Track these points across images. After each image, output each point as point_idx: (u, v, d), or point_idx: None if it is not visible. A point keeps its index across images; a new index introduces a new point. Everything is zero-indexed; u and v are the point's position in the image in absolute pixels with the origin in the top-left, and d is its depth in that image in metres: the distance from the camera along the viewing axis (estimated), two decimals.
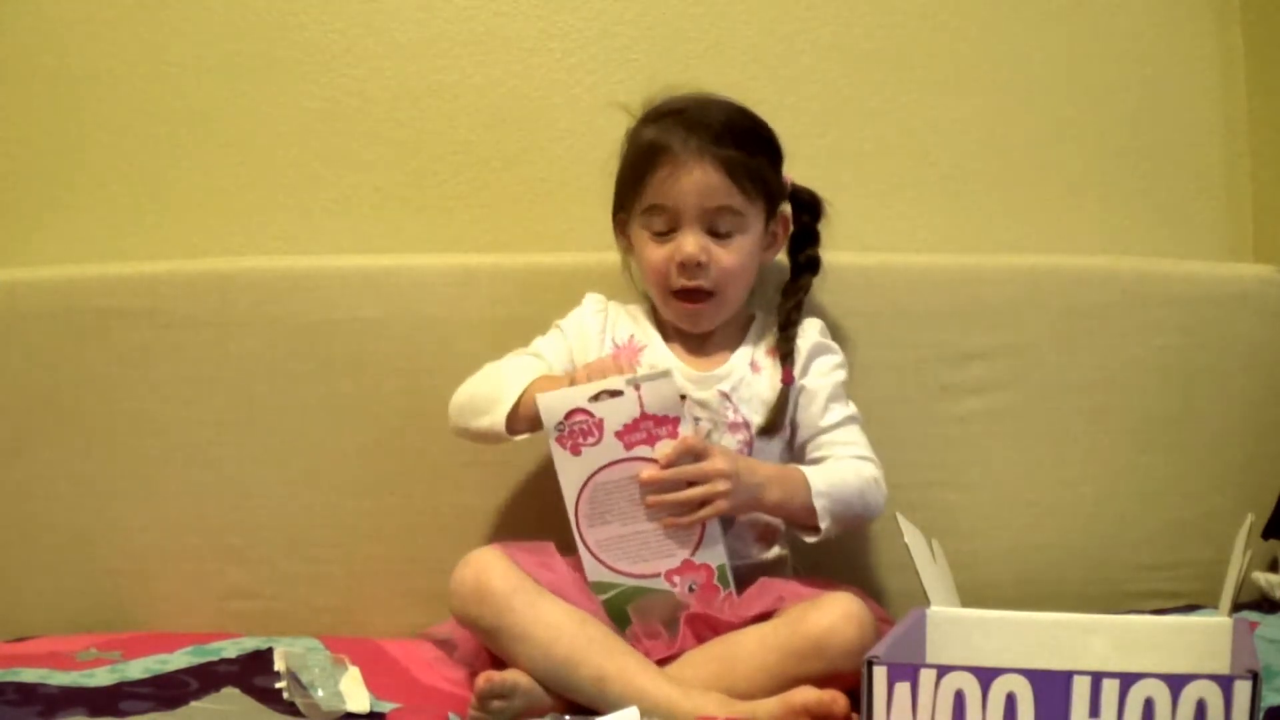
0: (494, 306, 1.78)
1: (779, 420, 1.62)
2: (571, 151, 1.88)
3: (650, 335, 1.68)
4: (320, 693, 1.45)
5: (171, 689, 1.49)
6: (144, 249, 1.89)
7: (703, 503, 1.51)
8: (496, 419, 1.58)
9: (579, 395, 1.49)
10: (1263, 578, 1.73)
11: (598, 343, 1.67)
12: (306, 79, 1.90)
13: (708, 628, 1.52)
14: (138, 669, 1.56)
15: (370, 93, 1.91)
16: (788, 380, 1.63)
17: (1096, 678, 1.10)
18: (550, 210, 1.88)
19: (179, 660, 1.60)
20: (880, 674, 1.14)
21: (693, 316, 1.64)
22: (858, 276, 1.81)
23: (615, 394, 1.49)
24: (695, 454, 1.51)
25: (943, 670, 1.13)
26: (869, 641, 1.42)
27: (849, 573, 1.78)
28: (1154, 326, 1.83)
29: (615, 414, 1.49)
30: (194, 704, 1.44)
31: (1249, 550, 1.39)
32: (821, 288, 1.77)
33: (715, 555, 1.51)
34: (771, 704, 1.41)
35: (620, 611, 1.53)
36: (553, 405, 1.49)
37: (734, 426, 1.62)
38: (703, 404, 1.63)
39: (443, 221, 1.91)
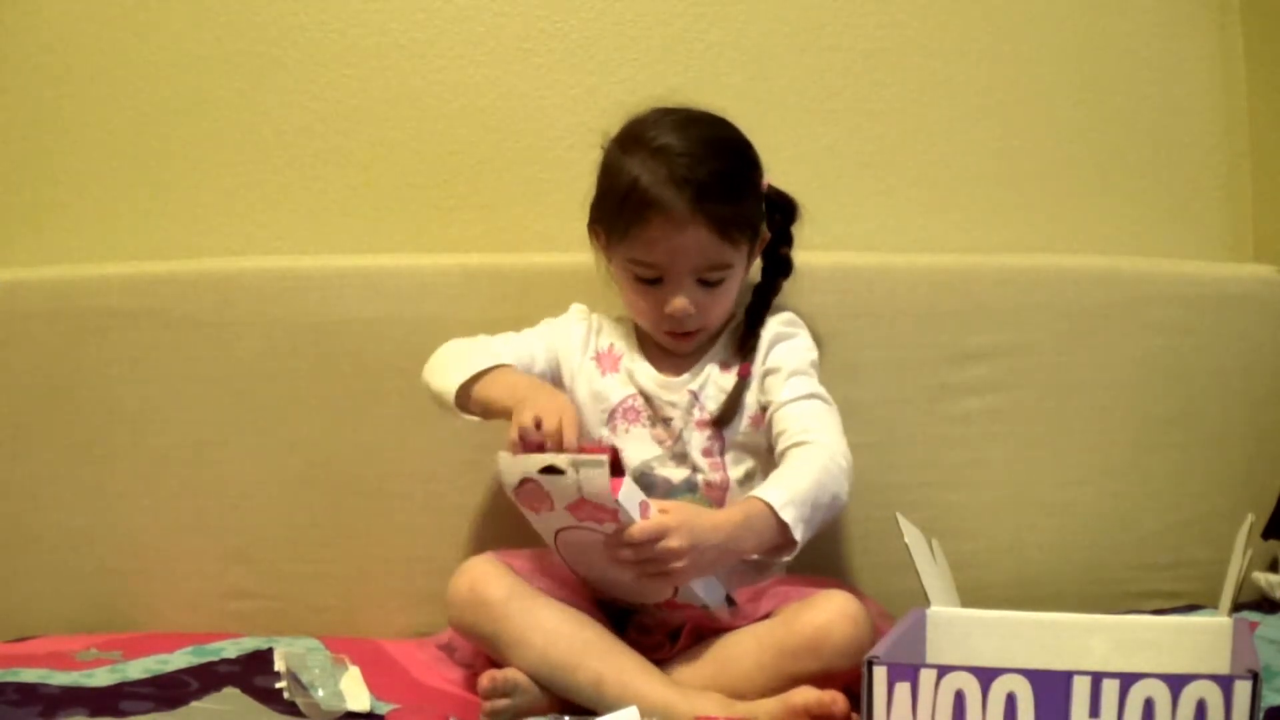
0: (494, 306, 1.78)
1: (731, 410, 1.62)
2: (571, 152, 1.88)
3: (630, 344, 1.69)
4: (320, 693, 1.46)
5: (172, 689, 1.49)
6: (144, 249, 1.89)
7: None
8: (448, 386, 1.59)
9: (530, 465, 1.44)
10: (1263, 578, 1.73)
11: (580, 351, 1.68)
12: (306, 79, 1.90)
13: (709, 628, 1.53)
14: (138, 669, 1.56)
15: (370, 92, 1.90)
16: (744, 373, 1.64)
17: (1096, 678, 1.11)
18: (550, 210, 1.88)
19: (179, 660, 1.60)
20: (880, 674, 1.14)
21: (678, 344, 1.65)
22: (858, 276, 1.81)
23: (560, 471, 1.43)
24: (650, 541, 1.42)
25: (943, 670, 1.13)
26: (864, 639, 1.43)
27: (848, 573, 1.78)
28: (1154, 326, 1.83)
29: (560, 492, 1.43)
30: (194, 704, 1.44)
31: (1249, 550, 1.39)
32: (822, 288, 1.77)
33: (694, 598, 1.49)
34: (771, 704, 1.42)
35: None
36: (508, 469, 1.46)
37: (701, 424, 1.63)
38: (673, 405, 1.64)
39: (443, 221, 1.91)
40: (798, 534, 1.47)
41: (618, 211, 1.60)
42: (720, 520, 1.47)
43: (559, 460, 1.42)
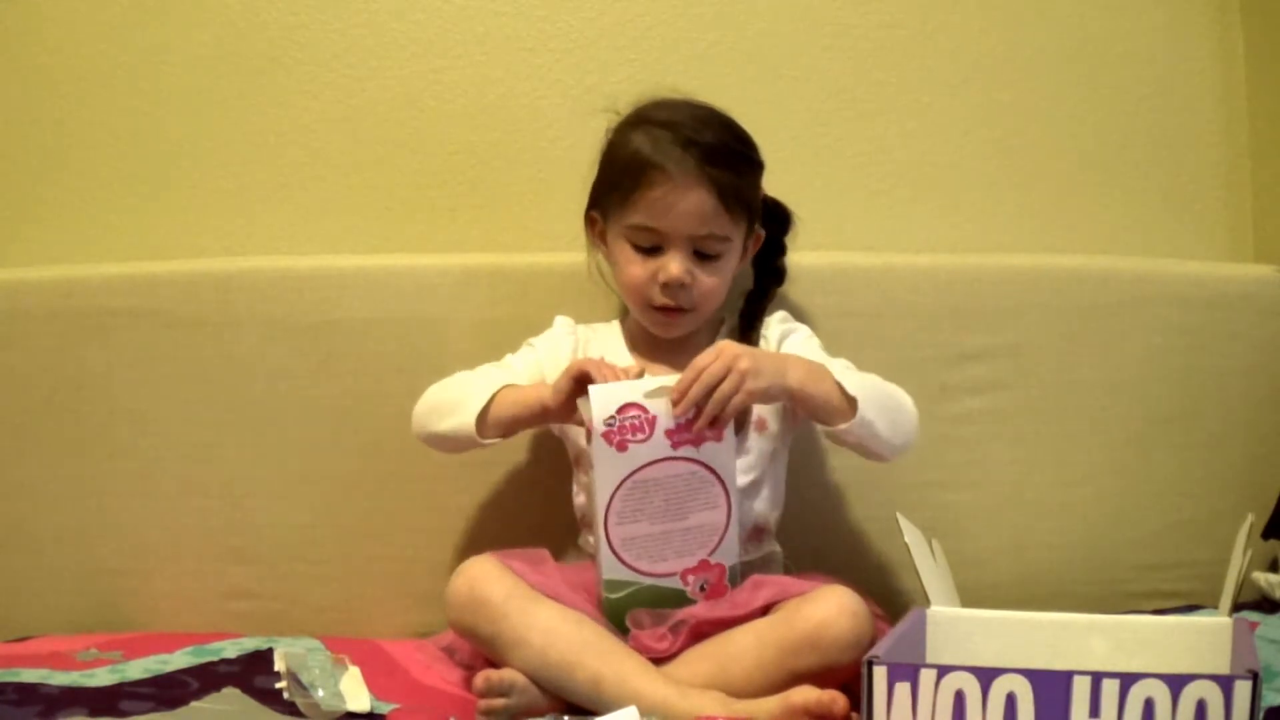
0: (494, 306, 1.79)
1: (741, 423, 1.60)
2: (571, 152, 1.87)
3: (621, 353, 1.68)
4: (320, 693, 1.46)
5: (172, 689, 1.49)
6: (144, 249, 1.89)
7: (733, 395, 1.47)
8: (465, 420, 1.58)
9: (635, 389, 1.48)
10: (1263, 578, 1.73)
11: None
12: (306, 79, 1.90)
13: (708, 624, 1.52)
14: (138, 669, 1.56)
15: (370, 92, 1.91)
16: None
17: (1096, 678, 1.11)
18: (550, 210, 1.88)
19: (179, 660, 1.60)
20: (880, 674, 1.14)
21: (668, 327, 1.65)
22: (858, 276, 1.81)
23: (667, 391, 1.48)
24: (715, 358, 1.48)
25: (943, 670, 1.13)
26: (864, 634, 1.43)
27: (848, 573, 1.78)
28: (1154, 326, 1.83)
29: (669, 412, 1.48)
30: (194, 704, 1.44)
31: (1249, 550, 1.39)
32: (822, 288, 1.77)
33: (730, 555, 1.51)
34: (771, 704, 1.41)
35: (620, 616, 1.53)
36: (607, 397, 1.47)
37: None
38: None
39: (443, 221, 1.91)
40: (859, 398, 1.50)
41: (619, 180, 1.61)
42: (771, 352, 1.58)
43: (670, 380, 1.47)
